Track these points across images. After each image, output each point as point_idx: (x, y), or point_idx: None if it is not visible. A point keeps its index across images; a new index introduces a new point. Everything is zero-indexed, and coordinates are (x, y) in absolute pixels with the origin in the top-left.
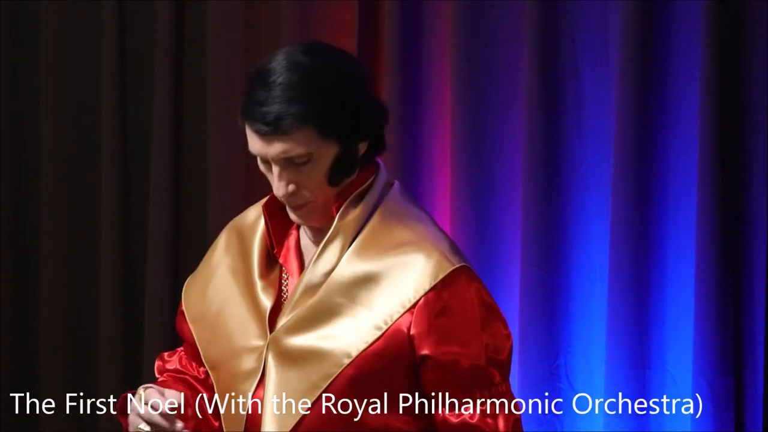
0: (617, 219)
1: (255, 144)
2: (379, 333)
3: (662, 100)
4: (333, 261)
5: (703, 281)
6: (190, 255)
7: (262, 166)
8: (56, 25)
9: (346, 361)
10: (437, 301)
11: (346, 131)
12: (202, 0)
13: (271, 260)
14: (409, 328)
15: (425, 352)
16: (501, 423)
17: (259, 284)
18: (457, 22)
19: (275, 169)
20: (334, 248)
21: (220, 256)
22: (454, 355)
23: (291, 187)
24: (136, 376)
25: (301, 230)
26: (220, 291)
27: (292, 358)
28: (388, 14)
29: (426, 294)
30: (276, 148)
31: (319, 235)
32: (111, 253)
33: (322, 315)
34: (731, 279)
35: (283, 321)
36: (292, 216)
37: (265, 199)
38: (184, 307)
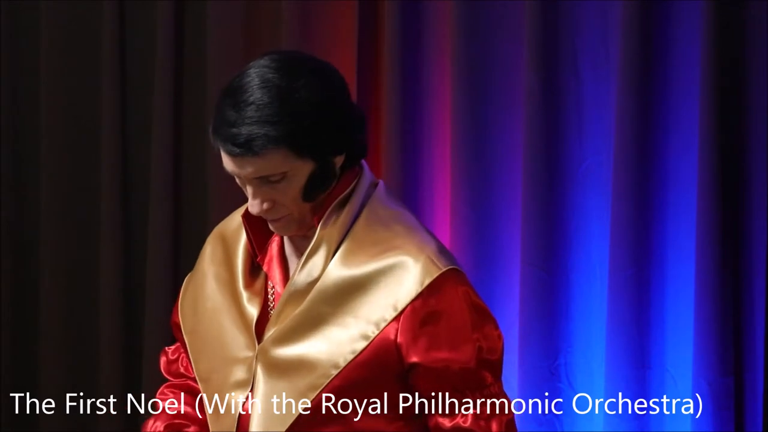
0: (617, 219)
1: (227, 164)
2: (366, 342)
3: (662, 100)
4: (318, 270)
5: (703, 281)
6: (190, 255)
7: (238, 181)
8: (56, 24)
9: (334, 372)
10: (424, 308)
11: (321, 148)
12: (202, 0)
13: (255, 268)
14: (396, 336)
15: (414, 359)
16: (494, 425)
17: (244, 295)
18: (457, 22)
19: (249, 188)
20: (319, 257)
21: (207, 265)
22: (443, 361)
23: (266, 204)
24: (136, 376)
25: (284, 237)
26: (210, 302)
27: (281, 369)
28: (388, 14)
29: (413, 301)
30: (248, 169)
31: (302, 242)
32: (111, 253)
33: (309, 325)
34: (731, 279)
35: (270, 331)
36: (271, 227)
37: (244, 207)
38: (180, 320)
